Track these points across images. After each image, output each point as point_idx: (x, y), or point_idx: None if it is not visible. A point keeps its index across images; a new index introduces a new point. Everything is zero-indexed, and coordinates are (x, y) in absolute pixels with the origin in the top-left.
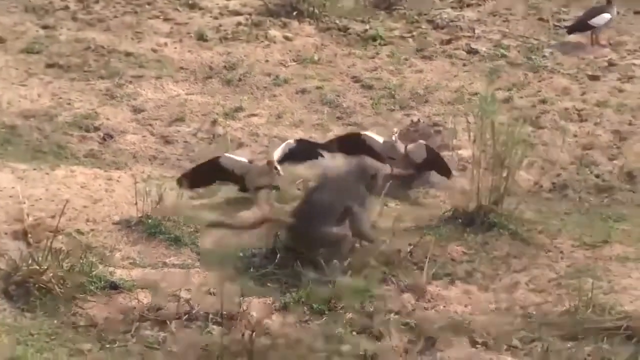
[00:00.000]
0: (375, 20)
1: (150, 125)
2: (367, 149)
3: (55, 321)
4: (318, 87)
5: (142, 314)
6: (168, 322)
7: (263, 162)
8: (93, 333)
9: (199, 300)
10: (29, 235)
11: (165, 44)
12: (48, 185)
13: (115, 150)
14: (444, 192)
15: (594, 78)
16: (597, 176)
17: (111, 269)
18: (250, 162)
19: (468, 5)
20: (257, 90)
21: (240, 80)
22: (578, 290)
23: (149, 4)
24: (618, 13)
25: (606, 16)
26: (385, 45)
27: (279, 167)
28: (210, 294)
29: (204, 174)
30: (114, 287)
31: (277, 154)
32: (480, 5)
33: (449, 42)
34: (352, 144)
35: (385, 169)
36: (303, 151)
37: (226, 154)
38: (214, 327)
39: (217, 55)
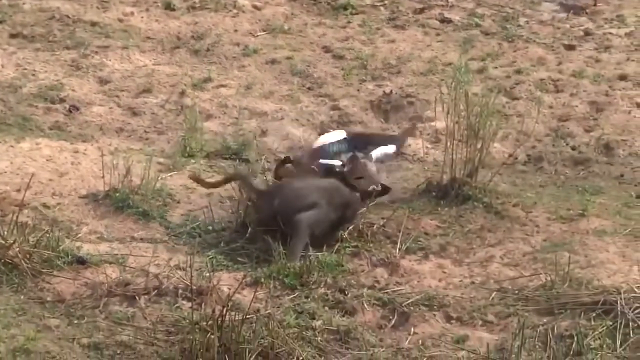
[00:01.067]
0: None
1: (117, 96)
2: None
3: (22, 297)
4: (288, 58)
5: (110, 289)
6: (137, 298)
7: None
8: (61, 309)
9: (168, 275)
10: None
11: (132, 13)
12: (13, 158)
13: (81, 122)
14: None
15: (570, 48)
16: (573, 148)
17: (78, 243)
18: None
19: None
20: (225, 60)
21: (208, 50)
22: (554, 264)
23: None
24: None
25: None
26: (356, 14)
27: None
28: (179, 268)
29: None
30: (82, 262)
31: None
32: None
33: (421, 11)
34: None
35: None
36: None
37: None
38: (184, 302)
39: (185, 24)
